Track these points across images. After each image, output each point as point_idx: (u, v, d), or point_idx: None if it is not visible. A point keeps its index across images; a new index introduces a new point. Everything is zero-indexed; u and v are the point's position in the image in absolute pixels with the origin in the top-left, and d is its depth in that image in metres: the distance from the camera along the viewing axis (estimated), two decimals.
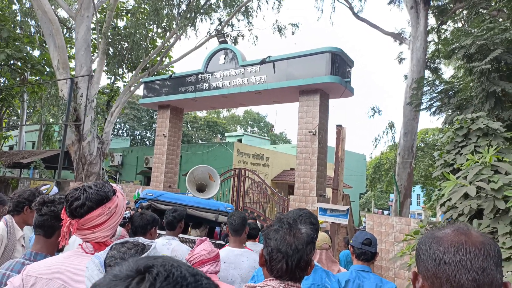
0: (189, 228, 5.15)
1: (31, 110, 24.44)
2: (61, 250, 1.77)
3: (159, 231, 3.49)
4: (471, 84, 6.56)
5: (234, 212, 3.12)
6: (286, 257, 1.35)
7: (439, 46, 10.64)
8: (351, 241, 2.58)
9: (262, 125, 54.90)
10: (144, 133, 40.82)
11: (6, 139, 25.26)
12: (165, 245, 3.25)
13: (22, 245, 2.74)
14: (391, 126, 12.21)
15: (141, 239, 1.10)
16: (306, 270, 1.40)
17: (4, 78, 18.73)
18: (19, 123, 24.88)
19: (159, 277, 0.52)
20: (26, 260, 1.61)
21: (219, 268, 2.40)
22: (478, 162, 3.03)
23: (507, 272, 2.31)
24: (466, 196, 2.98)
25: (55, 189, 3.93)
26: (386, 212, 36.30)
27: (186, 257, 2.49)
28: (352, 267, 2.44)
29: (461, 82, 7.19)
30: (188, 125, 41.32)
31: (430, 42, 12.02)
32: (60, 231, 1.62)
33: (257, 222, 6.46)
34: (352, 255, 2.54)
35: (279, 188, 18.51)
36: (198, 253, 2.32)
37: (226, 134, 34.71)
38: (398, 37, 12.54)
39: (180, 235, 3.80)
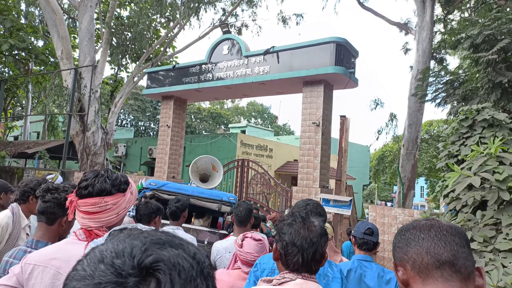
0: (192, 218, 5.18)
1: (36, 101, 24.51)
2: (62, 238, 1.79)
3: (163, 221, 3.51)
4: (477, 75, 6.49)
5: (241, 203, 3.11)
6: (302, 251, 1.37)
7: (445, 36, 10.51)
8: (352, 231, 2.58)
9: (266, 116, 54.81)
10: (148, 124, 40.91)
11: (11, 130, 25.41)
12: None
13: (27, 234, 2.77)
14: (393, 117, 12.14)
15: (139, 226, 1.10)
16: (321, 262, 1.43)
17: (8, 69, 18.76)
18: (23, 113, 24.99)
19: (173, 278, 0.44)
20: (28, 247, 1.64)
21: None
22: (483, 153, 3.01)
23: (510, 263, 2.30)
24: (470, 187, 2.96)
25: (60, 179, 3.97)
26: (389, 204, 36.30)
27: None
28: (354, 257, 2.44)
29: (467, 73, 7.12)
30: (192, 116, 41.34)
31: (436, 32, 11.86)
32: (62, 220, 1.66)
33: (259, 212, 6.49)
34: (354, 245, 2.54)
35: (282, 179, 18.54)
36: (244, 255, 2.24)
37: (229, 125, 34.71)
38: (404, 27, 12.39)
39: (184, 225, 3.82)
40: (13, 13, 16.56)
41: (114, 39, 15.55)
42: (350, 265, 2.34)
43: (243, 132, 25.93)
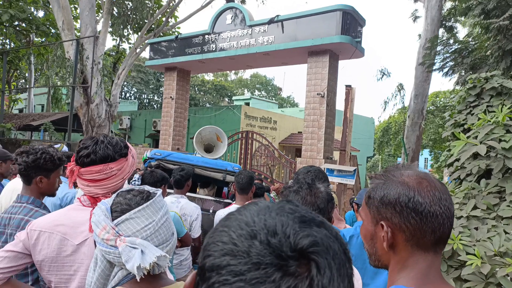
0: (197, 188, 5.23)
1: (39, 73, 24.36)
2: (51, 195, 1.89)
3: (167, 190, 3.55)
4: (486, 43, 6.31)
5: (242, 171, 3.14)
6: None
7: (455, 3, 10.17)
8: (355, 199, 2.59)
9: (270, 88, 54.29)
10: (151, 97, 40.75)
11: (16, 102, 25.44)
12: (174, 203, 3.32)
13: None
14: (401, 88, 11.97)
15: (146, 187, 1.11)
16: None
17: (10, 40, 18.54)
18: (27, 86, 24.92)
19: (330, 263, 0.40)
20: (15, 202, 1.74)
21: None
22: (490, 121, 2.96)
23: None
24: (475, 156, 2.94)
25: (65, 148, 4.00)
26: None
27: None
28: (356, 224, 2.46)
29: (476, 41, 6.93)
30: (196, 89, 41.05)
31: None
32: (36, 180, 1.74)
33: (263, 183, 6.55)
34: (356, 212, 2.56)
35: (287, 151, 18.59)
36: None
37: (233, 98, 34.47)
38: None
39: (189, 194, 3.86)
40: None
41: (115, 8, 15.21)
42: (352, 231, 2.37)
43: (247, 104, 25.77)
